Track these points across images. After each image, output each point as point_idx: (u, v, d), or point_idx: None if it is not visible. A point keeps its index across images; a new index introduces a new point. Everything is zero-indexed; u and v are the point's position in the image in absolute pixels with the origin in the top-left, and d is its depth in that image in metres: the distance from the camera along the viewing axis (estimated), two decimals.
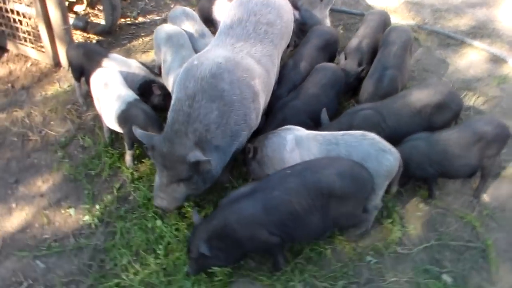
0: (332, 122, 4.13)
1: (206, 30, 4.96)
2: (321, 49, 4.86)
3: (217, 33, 4.24)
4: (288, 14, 4.57)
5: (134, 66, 4.59)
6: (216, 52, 3.84)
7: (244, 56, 3.88)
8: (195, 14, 5.08)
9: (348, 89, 4.83)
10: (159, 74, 4.68)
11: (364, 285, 3.57)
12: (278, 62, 4.42)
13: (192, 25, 4.90)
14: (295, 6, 5.28)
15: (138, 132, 3.59)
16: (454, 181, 4.29)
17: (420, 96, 4.15)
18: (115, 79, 4.23)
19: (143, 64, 4.70)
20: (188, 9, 5.11)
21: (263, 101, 3.97)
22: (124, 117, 4.05)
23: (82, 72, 4.62)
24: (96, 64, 4.49)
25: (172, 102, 3.65)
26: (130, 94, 4.16)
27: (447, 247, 3.79)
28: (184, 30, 4.79)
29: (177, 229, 3.74)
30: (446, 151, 3.90)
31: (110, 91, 4.16)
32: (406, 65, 4.70)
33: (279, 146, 3.75)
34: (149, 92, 4.51)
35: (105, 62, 4.52)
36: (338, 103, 4.67)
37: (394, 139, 3.95)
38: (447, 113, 4.15)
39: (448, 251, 3.77)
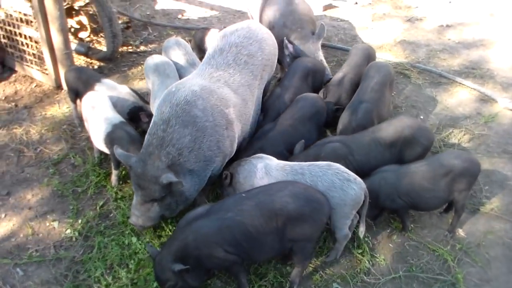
0: (300, 153, 4.23)
1: (196, 59, 5.20)
2: (305, 78, 5.01)
3: (201, 63, 4.46)
4: (271, 47, 4.75)
5: (124, 92, 4.83)
6: (194, 80, 4.04)
7: (220, 86, 4.06)
8: (187, 45, 5.34)
9: (328, 123, 4.93)
10: (148, 102, 4.92)
11: None
12: (259, 93, 4.62)
13: (183, 55, 5.15)
14: (290, 41, 5.49)
15: (118, 151, 3.78)
16: (430, 215, 4.38)
17: (390, 131, 4.25)
18: (103, 102, 4.47)
19: (133, 90, 4.94)
20: (181, 39, 5.38)
21: (238, 129, 4.12)
22: (110, 139, 4.25)
23: (77, 94, 4.87)
24: (90, 87, 4.76)
25: (150, 125, 3.83)
26: (116, 117, 4.38)
27: (415, 279, 3.85)
28: (174, 60, 5.05)
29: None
30: (414, 183, 3.99)
31: (97, 113, 4.39)
32: (385, 100, 4.80)
33: (250, 173, 3.89)
34: (137, 118, 4.74)
35: (98, 86, 4.78)
36: (318, 135, 4.73)
37: (363, 172, 4.06)
38: (417, 147, 4.23)
39: (416, 283, 3.82)
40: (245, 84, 4.29)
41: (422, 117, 5.55)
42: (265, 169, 3.85)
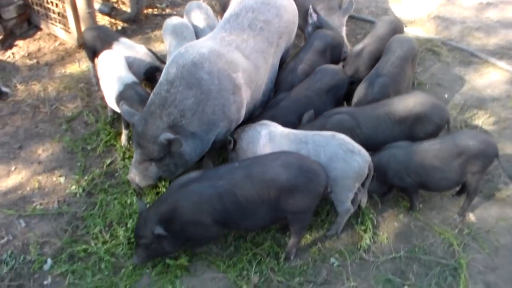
0: (307, 123, 4.11)
1: (217, 23, 5.08)
2: (322, 52, 4.84)
3: (217, 26, 4.38)
4: (290, 15, 4.63)
5: (142, 52, 4.81)
6: (204, 43, 3.97)
7: (231, 49, 3.98)
8: (209, 9, 5.27)
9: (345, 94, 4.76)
10: (165, 62, 4.87)
11: (321, 285, 3.60)
12: (275, 61, 4.51)
13: (205, 19, 5.08)
14: (315, 10, 5.34)
15: (123, 108, 3.80)
16: (441, 196, 4.25)
17: (400, 106, 4.09)
18: (118, 61, 4.46)
19: (151, 51, 4.91)
20: (202, 3, 5.30)
21: (247, 95, 4.04)
22: (120, 98, 4.25)
23: (95, 53, 4.87)
24: (107, 46, 4.74)
25: (156, 85, 3.81)
26: (129, 76, 4.37)
27: (416, 261, 3.76)
28: (195, 24, 4.99)
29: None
30: (424, 162, 3.85)
31: (111, 72, 4.39)
32: (405, 76, 4.59)
33: (253, 139, 3.83)
34: (154, 78, 4.72)
35: (115, 45, 4.76)
36: (335, 106, 4.56)
37: (370, 146, 3.96)
38: (428, 125, 4.05)
39: (416, 265, 3.74)
40: (259, 50, 4.20)
41: (446, 95, 5.35)
42: (269, 136, 3.79)
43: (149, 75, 4.75)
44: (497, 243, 3.90)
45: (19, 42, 5.87)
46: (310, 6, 5.29)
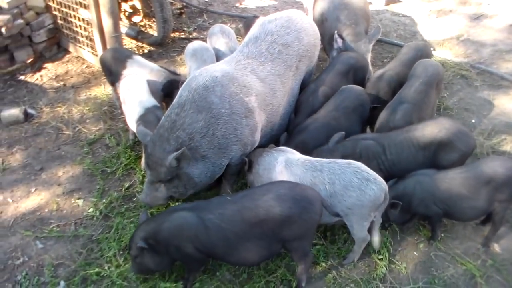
0: (328, 147, 4.03)
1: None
2: (345, 74, 4.77)
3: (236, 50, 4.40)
4: (311, 38, 4.61)
5: (155, 69, 4.86)
6: (218, 66, 4.00)
7: (245, 73, 3.99)
8: (231, 32, 5.30)
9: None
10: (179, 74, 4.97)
11: None
12: (294, 84, 4.48)
13: (226, 42, 5.12)
14: (341, 36, 5.31)
15: (138, 128, 3.88)
16: (464, 225, 4.10)
17: (424, 132, 3.98)
18: (140, 85, 4.50)
19: (162, 67, 4.95)
20: (225, 27, 5.35)
21: (261, 118, 4.03)
22: (141, 121, 4.27)
23: (111, 74, 4.93)
24: (121, 65, 4.81)
25: (169, 107, 3.84)
26: (150, 101, 4.41)
27: None
28: (217, 47, 5.02)
29: None
30: (451, 190, 3.74)
31: (133, 96, 4.43)
32: (429, 102, 4.47)
33: (270, 166, 3.79)
34: (171, 91, 4.70)
35: (129, 63, 4.81)
36: (362, 129, 4.53)
37: (394, 173, 3.90)
38: (453, 153, 3.92)
39: None
40: (276, 73, 4.19)
41: (474, 120, 5.21)
42: (285, 163, 3.73)
43: (167, 89, 4.76)
44: None
45: (48, 65, 6.03)
46: (335, 32, 5.26)
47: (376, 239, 3.71)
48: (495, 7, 7.37)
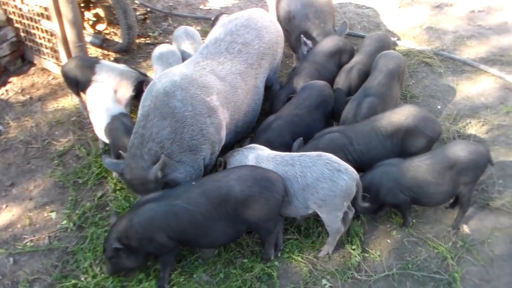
0: (299, 149, 4.05)
1: None
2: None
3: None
4: (272, 36, 4.66)
5: (125, 70, 4.90)
6: (177, 70, 4.01)
7: (204, 74, 4.02)
8: (196, 33, 5.34)
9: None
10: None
11: None
12: (258, 82, 4.53)
13: (191, 44, 5.14)
14: (310, 36, 5.36)
15: (106, 161, 3.86)
16: (435, 210, 4.19)
17: (391, 120, 4.05)
18: (105, 94, 4.51)
19: (133, 68, 5.01)
20: (190, 28, 5.37)
21: (225, 116, 4.08)
22: (109, 130, 4.30)
23: (77, 84, 4.92)
24: (89, 72, 4.83)
25: (136, 123, 3.86)
26: (116, 108, 4.41)
27: (410, 277, 3.69)
28: (183, 49, 5.02)
29: None
30: (417, 177, 3.81)
31: (99, 104, 4.43)
32: (392, 94, 4.55)
33: (241, 163, 3.83)
34: (142, 91, 4.67)
35: (97, 69, 4.84)
36: (326, 124, 4.56)
37: (363, 163, 3.95)
38: (420, 139, 4.01)
39: (409, 281, 3.66)
40: (236, 72, 4.24)
41: (439, 106, 5.31)
42: (256, 159, 3.78)
43: (138, 90, 4.80)
44: (492, 254, 3.82)
45: (13, 79, 5.96)
46: (302, 36, 5.29)
47: (350, 214, 3.82)
48: None
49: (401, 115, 4.06)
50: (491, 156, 3.88)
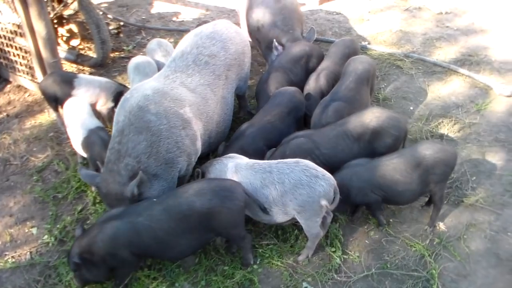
0: (272, 152, 4.18)
1: None
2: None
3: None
4: (238, 46, 4.74)
5: (104, 81, 4.99)
6: (148, 84, 4.06)
7: (175, 86, 4.08)
8: (169, 45, 5.42)
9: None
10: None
11: None
12: (226, 92, 4.60)
13: (164, 56, 5.20)
14: (280, 42, 5.45)
15: (82, 173, 3.90)
16: (411, 209, 4.28)
17: (356, 123, 4.15)
18: (81, 108, 4.54)
19: (111, 80, 5.11)
20: (163, 41, 5.44)
21: (198, 127, 4.14)
22: (86, 143, 4.34)
23: (56, 100, 4.95)
24: (68, 87, 4.87)
25: (111, 138, 3.90)
26: (93, 122, 4.45)
27: (389, 276, 3.76)
28: (156, 60, 5.09)
29: None
30: (385, 176, 3.89)
31: (76, 118, 4.47)
32: (361, 98, 4.64)
33: (221, 172, 3.88)
34: None
35: (76, 83, 4.90)
36: (298, 129, 4.62)
37: (331, 166, 4.00)
38: (387, 139, 4.11)
39: (389, 280, 3.74)
40: (205, 83, 4.31)
41: (411, 108, 5.43)
42: (235, 168, 3.84)
43: (117, 100, 4.78)
44: (468, 249, 3.91)
45: None
46: (274, 41, 5.39)
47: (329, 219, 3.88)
48: None
49: (365, 118, 4.16)
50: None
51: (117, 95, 4.87)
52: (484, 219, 4.17)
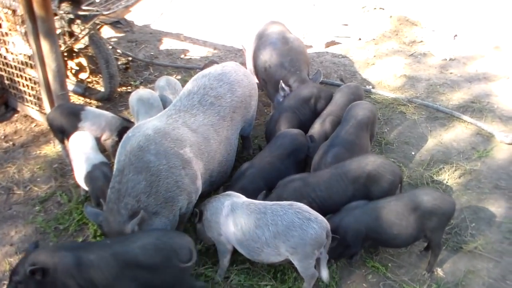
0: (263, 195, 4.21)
1: None
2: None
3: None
4: (245, 89, 4.82)
5: (110, 116, 5.06)
6: (150, 123, 4.13)
7: (177, 126, 4.15)
8: (177, 83, 5.53)
9: None
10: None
11: None
12: (231, 133, 4.65)
13: (172, 93, 5.28)
14: (287, 83, 5.55)
15: (87, 210, 3.95)
16: (410, 254, 4.29)
17: (352, 167, 4.21)
18: (87, 142, 4.61)
19: (117, 115, 5.18)
20: (171, 78, 5.54)
21: (199, 166, 4.18)
22: (88, 178, 4.39)
23: (63, 132, 5.01)
24: (74, 119, 4.94)
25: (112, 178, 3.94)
26: (97, 157, 4.51)
27: None
28: (165, 96, 5.21)
29: None
30: (381, 219, 3.92)
31: (80, 153, 4.53)
32: (361, 143, 4.70)
33: (217, 210, 3.93)
34: None
35: (83, 115, 4.97)
36: (297, 170, 4.65)
37: (327, 207, 4.08)
38: (383, 183, 4.15)
39: None
40: (208, 123, 4.37)
41: (413, 153, 5.49)
42: (231, 206, 3.89)
43: (122, 135, 4.85)
44: None
45: None
46: (281, 81, 5.49)
47: (324, 274, 3.82)
48: (428, 45, 7.82)
49: (361, 162, 4.23)
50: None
51: (122, 130, 4.91)
52: (483, 266, 4.18)
